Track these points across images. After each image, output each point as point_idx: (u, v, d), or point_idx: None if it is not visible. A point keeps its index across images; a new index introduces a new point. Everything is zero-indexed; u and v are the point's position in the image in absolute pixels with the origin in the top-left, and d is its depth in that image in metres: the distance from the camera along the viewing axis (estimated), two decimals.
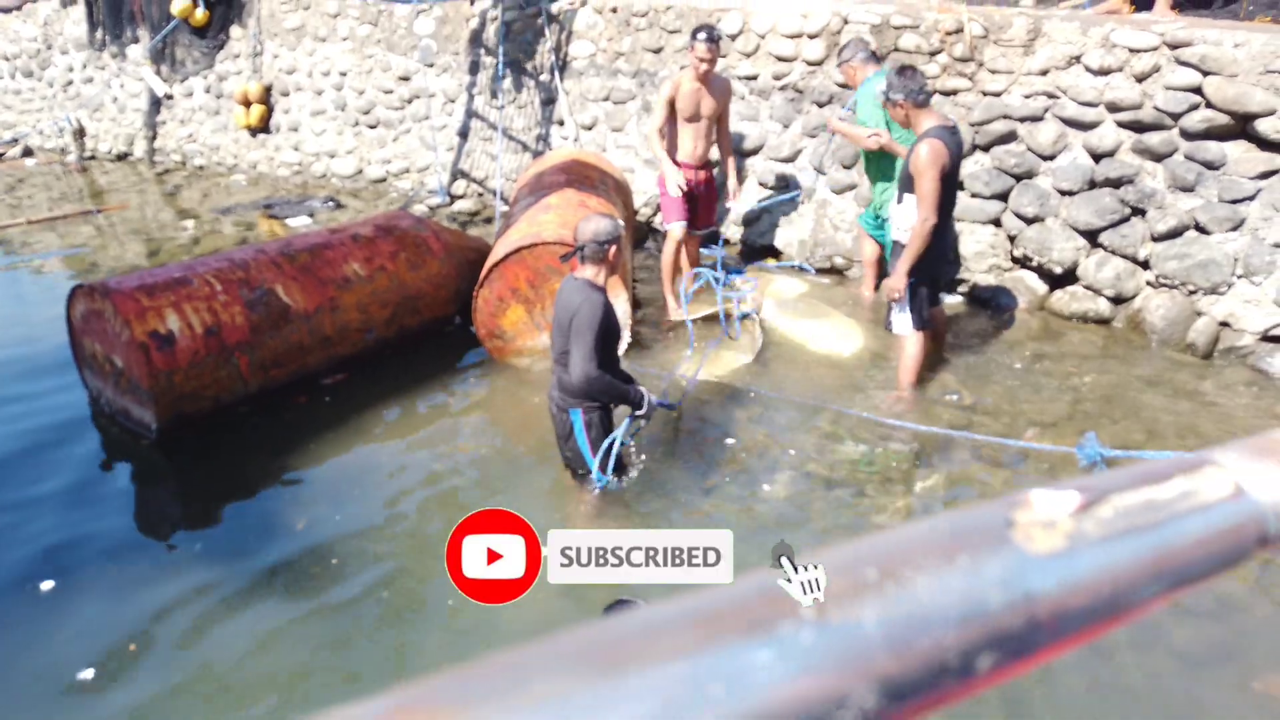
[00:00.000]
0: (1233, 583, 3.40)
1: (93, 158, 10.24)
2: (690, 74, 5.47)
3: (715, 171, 5.90)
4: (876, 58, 5.56)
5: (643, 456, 4.14)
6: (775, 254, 6.60)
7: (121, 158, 10.16)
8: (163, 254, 7.39)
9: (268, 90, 9.15)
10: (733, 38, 6.71)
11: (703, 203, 5.80)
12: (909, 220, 4.35)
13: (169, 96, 9.72)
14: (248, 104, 9.13)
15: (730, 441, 4.39)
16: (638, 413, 3.81)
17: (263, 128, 9.23)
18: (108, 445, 4.61)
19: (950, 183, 4.30)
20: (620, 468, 3.87)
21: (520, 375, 5.13)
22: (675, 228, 5.65)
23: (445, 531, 3.74)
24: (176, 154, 9.85)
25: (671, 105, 5.52)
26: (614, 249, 3.66)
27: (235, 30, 9.25)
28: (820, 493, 4.03)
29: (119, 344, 4.30)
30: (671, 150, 5.61)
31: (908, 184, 4.35)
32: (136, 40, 9.85)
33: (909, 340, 4.65)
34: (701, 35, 5.32)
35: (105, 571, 3.63)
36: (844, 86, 6.12)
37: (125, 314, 4.18)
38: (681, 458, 4.27)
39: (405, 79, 8.40)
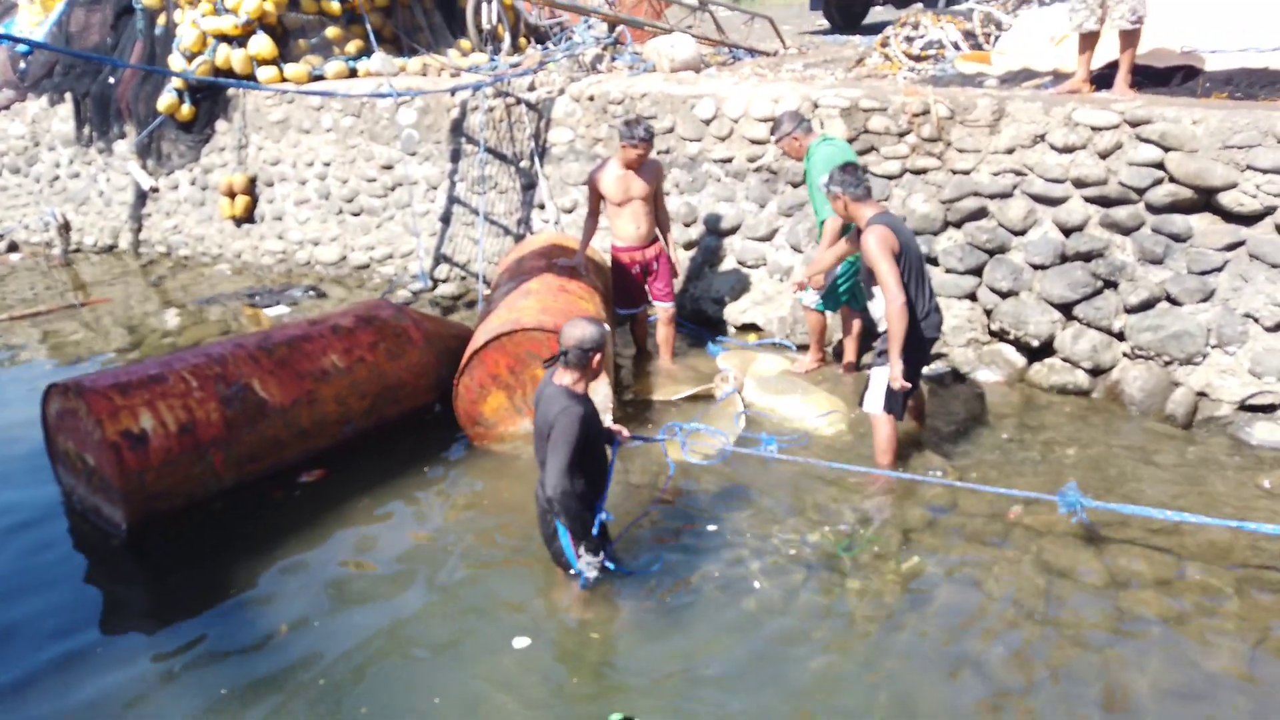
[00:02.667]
0: None
1: (78, 251, 10.30)
2: (617, 163, 5.76)
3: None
4: (811, 127, 5.64)
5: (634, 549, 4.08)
6: (756, 331, 6.63)
7: (107, 250, 10.23)
8: (145, 346, 7.38)
9: (252, 181, 9.27)
10: (706, 122, 6.86)
11: (656, 278, 6.08)
12: (883, 309, 4.41)
13: (154, 189, 9.83)
14: (232, 195, 9.23)
15: (712, 528, 4.34)
16: (583, 560, 3.65)
17: (247, 218, 9.33)
18: (78, 544, 4.53)
19: (909, 265, 4.38)
20: (604, 562, 3.79)
21: (503, 462, 5.09)
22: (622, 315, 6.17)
23: (434, 637, 3.70)
24: (161, 245, 9.92)
25: (598, 191, 5.83)
26: (598, 357, 3.64)
27: (221, 124, 9.41)
28: (801, 580, 3.97)
29: (91, 442, 4.26)
30: (615, 235, 6.01)
31: (870, 277, 4.45)
32: (123, 135, 10.00)
33: (880, 421, 4.63)
34: (639, 133, 5.57)
35: (52, 677, 3.54)
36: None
37: (98, 413, 4.15)
38: (665, 546, 4.20)
39: (388, 167, 8.53)
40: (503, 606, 3.90)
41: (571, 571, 3.77)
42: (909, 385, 4.44)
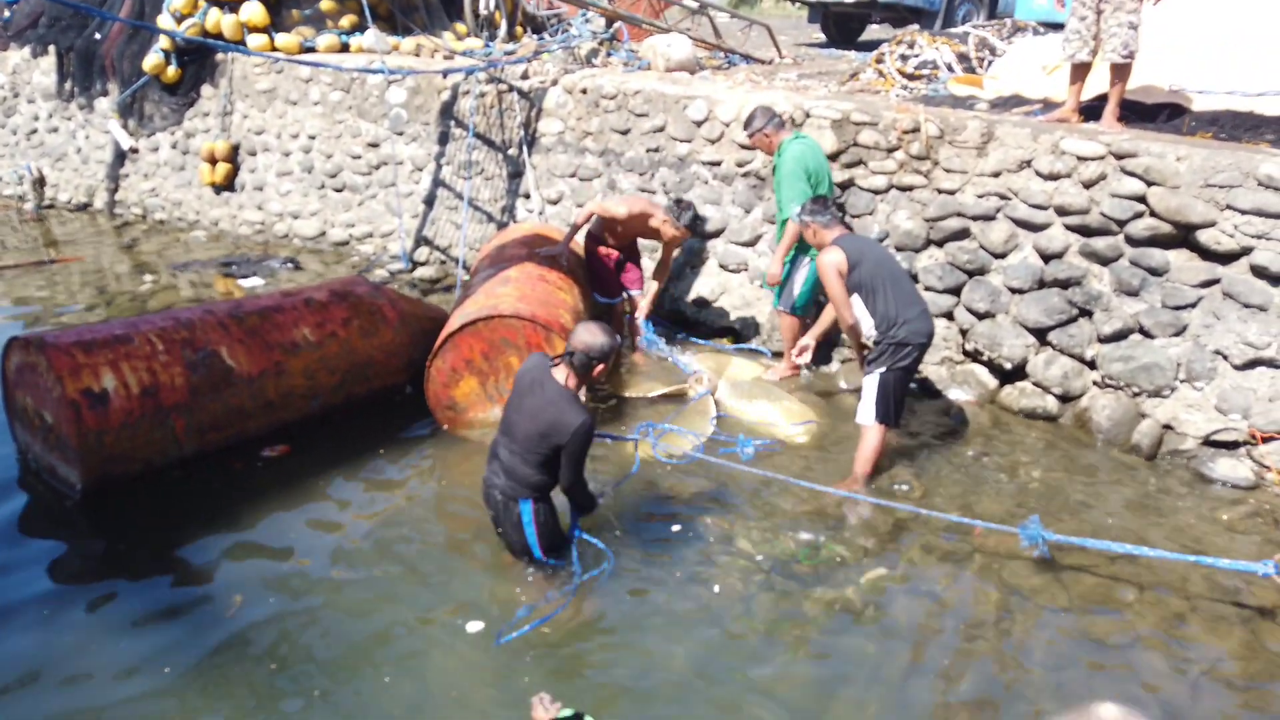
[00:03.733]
0: None
1: (51, 207, 10.11)
2: (647, 220, 5.92)
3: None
4: (784, 123, 5.81)
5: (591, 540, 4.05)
6: (733, 335, 6.62)
7: (81, 208, 10.05)
8: (114, 307, 7.25)
9: (235, 149, 9.14)
10: (698, 124, 6.85)
11: (630, 267, 6.25)
12: (864, 325, 4.68)
13: (134, 150, 9.67)
14: (214, 161, 9.10)
15: (676, 528, 4.32)
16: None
17: (227, 186, 9.19)
18: (32, 503, 4.43)
19: (874, 277, 4.54)
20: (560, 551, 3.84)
21: (471, 447, 5.05)
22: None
23: (388, 618, 3.65)
24: (138, 207, 9.75)
25: (617, 223, 5.96)
26: (600, 368, 3.62)
27: (206, 89, 9.27)
28: (760, 585, 3.96)
29: (50, 399, 4.17)
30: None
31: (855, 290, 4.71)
32: (105, 93, 9.83)
33: (869, 431, 4.67)
34: (687, 217, 5.91)
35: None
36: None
37: (59, 370, 4.05)
38: (626, 542, 4.18)
39: (374, 145, 8.45)
40: (458, 590, 3.87)
41: (530, 559, 3.77)
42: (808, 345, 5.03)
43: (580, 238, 6.15)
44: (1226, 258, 5.06)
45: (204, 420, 4.49)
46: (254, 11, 8.73)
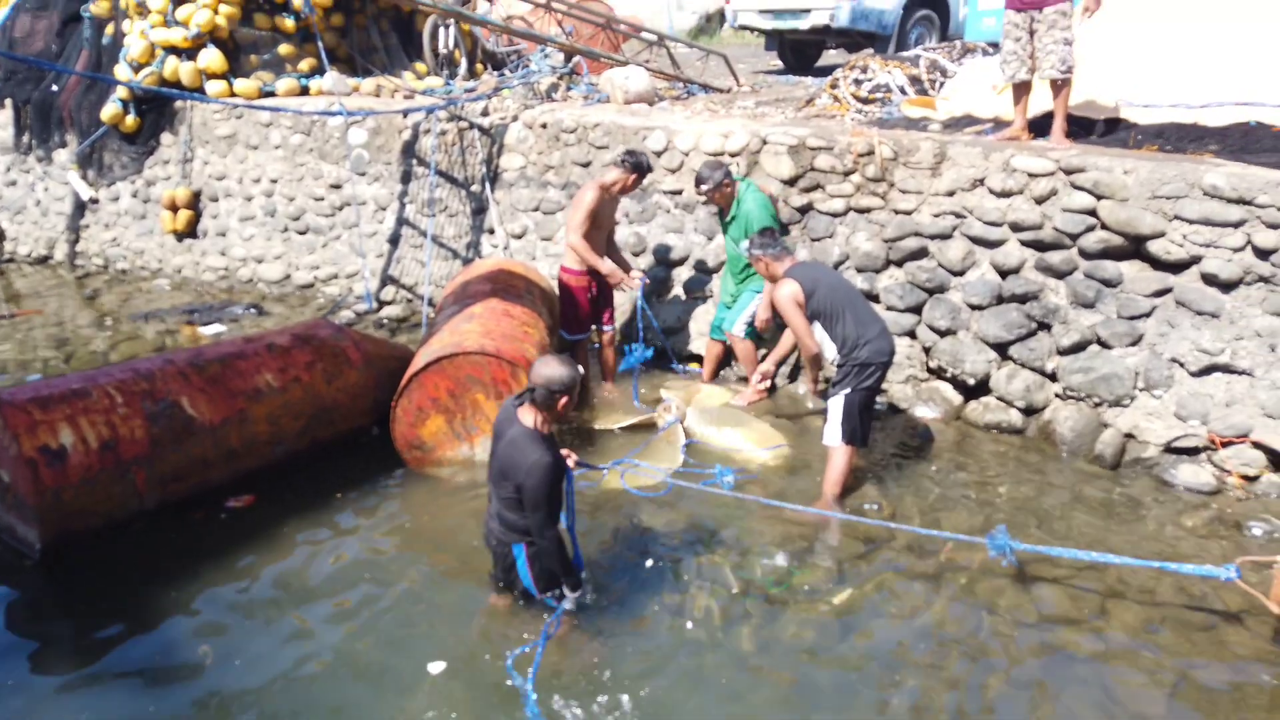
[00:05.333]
0: None
1: (11, 261, 10.01)
2: (611, 190, 5.83)
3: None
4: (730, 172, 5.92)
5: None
6: (700, 361, 6.64)
7: (41, 261, 9.95)
8: (75, 360, 7.17)
9: (196, 196, 9.10)
10: (658, 154, 6.92)
11: (606, 299, 6.21)
12: (827, 349, 4.72)
13: (94, 200, 9.60)
14: (175, 209, 9.04)
15: (649, 563, 4.30)
16: (567, 594, 3.68)
17: (189, 233, 9.14)
18: None
19: (832, 303, 4.59)
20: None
21: (439, 486, 5.01)
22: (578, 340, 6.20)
23: (354, 665, 3.60)
24: (99, 258, 9.67)
25: (593, 216, 5.79)
26: (565, 400, 3.49)
27: (166, 137, 9.24)
28: (735, 613, 3.95)
29: (6, 458, 4.10)
30: (569, 258, 6.02)
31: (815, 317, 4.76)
32: (64, 145, 9.77)
33: (837, 452, 4.69)
34: (645, 166, 5.82)
35: None
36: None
37: (14, 428, 4.00)
38: (598, 577, 4.15)
39: (336, 186, 8.45)
40: (422, 631, 3.83)
41: (527, 595, 3.77)
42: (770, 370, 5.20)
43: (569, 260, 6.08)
44: (1177, 267, 5.16)
45: (166, 472, 4.43)
46: (212, 58, 8.74)
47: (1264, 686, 3.50)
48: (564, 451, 3.82)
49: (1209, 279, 5.04)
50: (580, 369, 3.59)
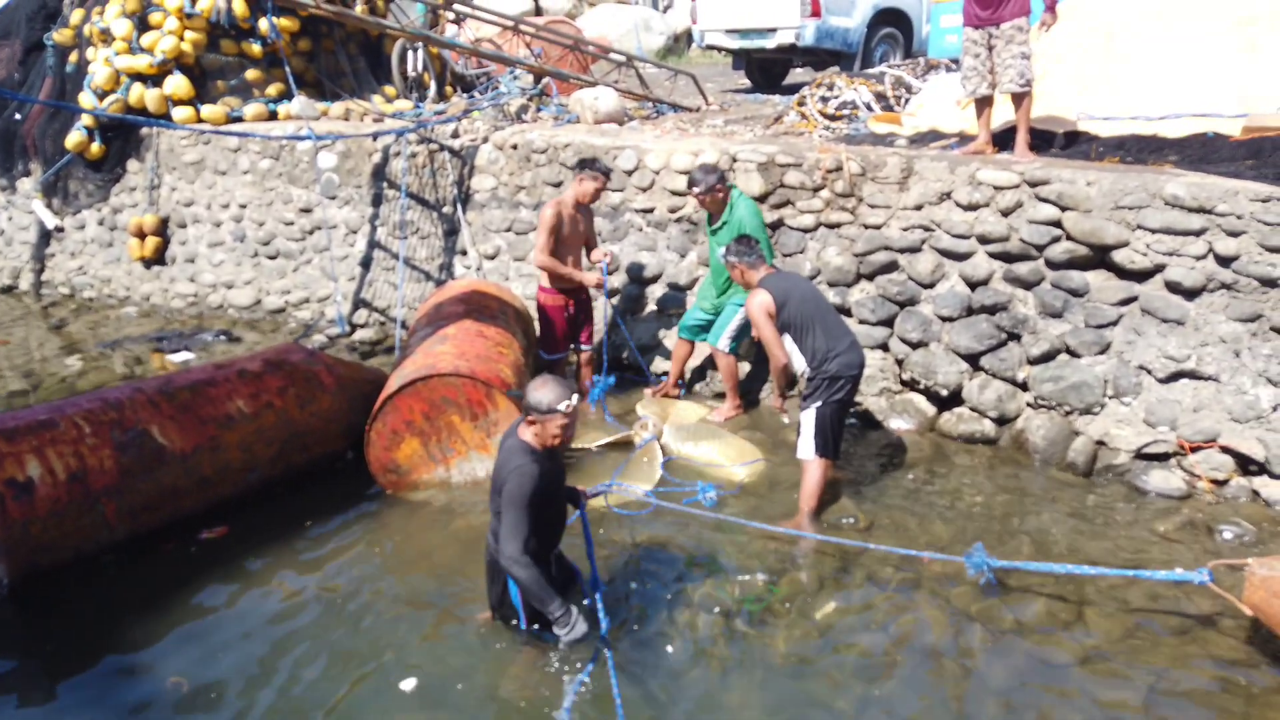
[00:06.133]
0: None
1: None
2: (570, 201, 5.87)
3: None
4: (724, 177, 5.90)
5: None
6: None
7: (6, 291, 9.80)
8: (42, 390, 7.05)
9: (164, 222, 9.02)
10: (629, 173, 6.95)
11: (584, 318, 6.23)
12: (797, 361, 4.73)
13: (60, 229, 9.49)
14: (142, 235, 8.95)
15: (633, 584, 4.27)
16: (557, 632, 3.45)
17: (157, 259, 9.05)
18: None
19: (802, 315, 4.62)
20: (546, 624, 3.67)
21: (415, 510, 4.97)
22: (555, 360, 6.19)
23: (327, 693, 3.55)
24: (65, 286, 9.55)
25: (557, 232, 5.83)
26: (540, 419, 3.40)
27: (132, 164, 9.16)
28: (714, 632, 3.94)
29: None
30: (553, 278, 6.00)
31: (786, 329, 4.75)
32: (28, 173, 9.66)
33: (811, 465, 4.71)
34: (597, 168, 5.80)
35: None
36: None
37: None
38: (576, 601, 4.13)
39: (307, 210, 8.41)
40: (399, 651, 3.80)
41: (520, 626, 3.70)
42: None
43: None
44: (1142, 275, 5.24)
45: (136, 502, 4.37)
46: (178, 84, 8.69)
47: (1239, 688, 3.54)
48: (571, 607, 3.53)
49: (1173, 287, 5.13)
50: (574, 394, 3.46)
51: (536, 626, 3.67)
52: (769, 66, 12.92)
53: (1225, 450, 4.88)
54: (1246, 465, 4.85)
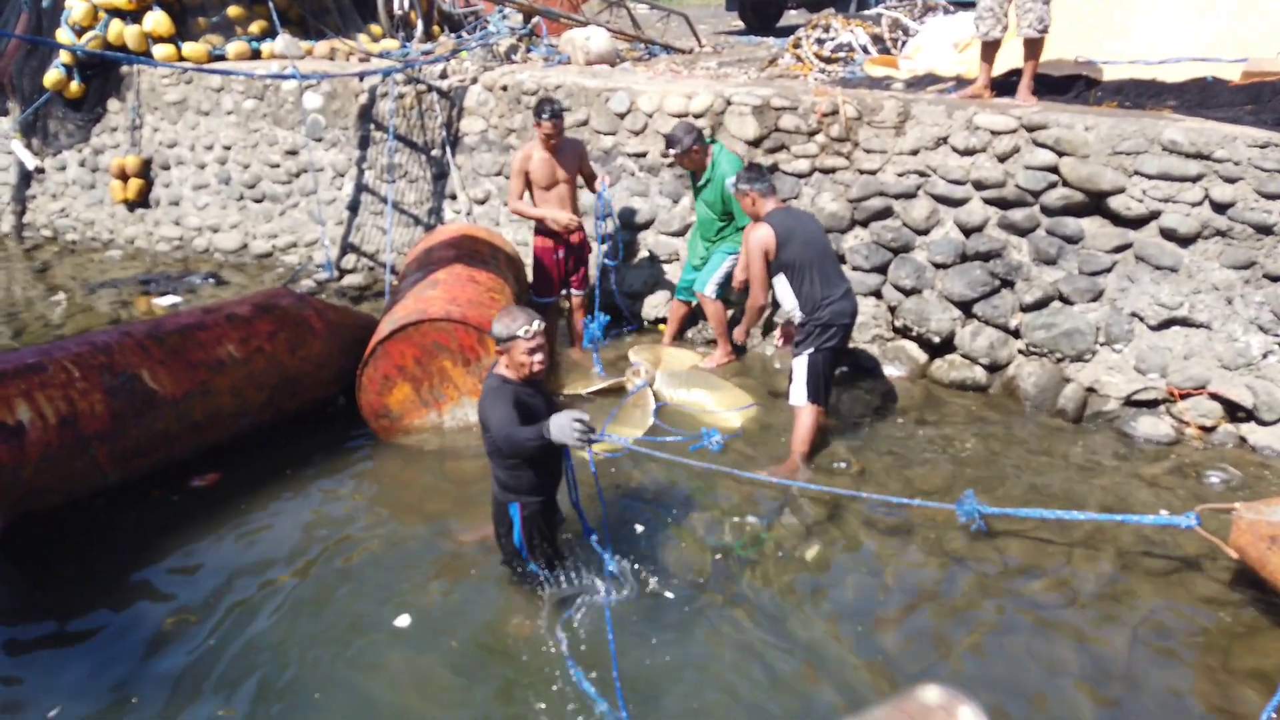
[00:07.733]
0: None
1: None
2: (539, 146, 5.75)
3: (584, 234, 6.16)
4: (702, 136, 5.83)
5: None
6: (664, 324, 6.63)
7: None
8: (27, 335, 6.98)
9: (147, 164, 8.85)
10: (621, 116, 6.84)
11: (577, 262, 6.12)
12: (786, 302, 4.68)
13: (40, 170, 9.30)
14: (125, 177, 8.79)
15: (626, 529, 4.30)
16: (551, 433, 3.22)
17: (141, 202, 8.90)
18: None
19: (805, 257, 4.54)
20: (552, 564, 3.73)
21: (408, 455, 4.97)
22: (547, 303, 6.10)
23: (327, 645, 3.58)
24: (47, 229, 9.39)
25: (526, 175, 5.79)
26: (508, 350, 3.40)
27: (113, 103, 8.95)
28: (704, 576, 3.98)
29: None
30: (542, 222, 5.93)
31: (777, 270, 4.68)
32: (6, 113, 9.42)
33: (803, 412, 4.72)
34: (545, 112, 5.59)
35: None
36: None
37: None
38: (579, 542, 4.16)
39: (293, 153, 8.25)
40: (392, 590, 3.84)
41: (523, 569, 3.72)
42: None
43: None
44: (1137, 222, 5.23)
45: (128, 446, 4.34)
46: (158, 21, 8.45)
47: (1224, 628, 3.61)
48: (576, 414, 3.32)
49: (1168, 234, 5.11)
50: (535, 321, 3.40)
51: (542, 565, 3.69)
52: (763, 8, 12.71)
53: (1214, 397, 4.92)
54: (1235, 412, 4.89)
